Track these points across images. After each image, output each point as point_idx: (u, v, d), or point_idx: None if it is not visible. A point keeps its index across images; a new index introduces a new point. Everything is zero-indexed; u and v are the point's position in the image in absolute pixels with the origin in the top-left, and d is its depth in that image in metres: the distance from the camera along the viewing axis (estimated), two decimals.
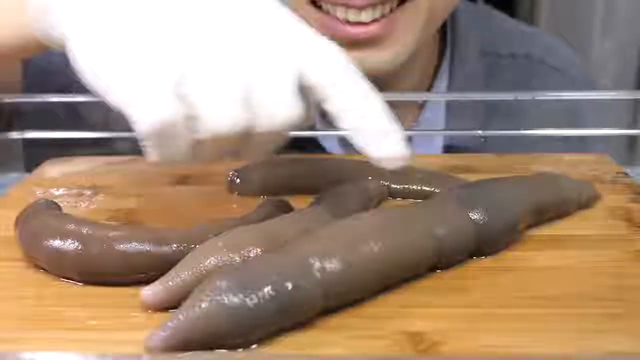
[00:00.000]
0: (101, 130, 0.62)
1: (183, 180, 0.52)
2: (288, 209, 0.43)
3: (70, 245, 0.37)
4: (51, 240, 0.37)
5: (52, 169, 0.55)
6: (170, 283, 0.35)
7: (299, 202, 0.44)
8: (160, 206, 0.48)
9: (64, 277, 0.38)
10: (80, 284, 0.37)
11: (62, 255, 0.37)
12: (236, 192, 0.50)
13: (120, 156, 0.58)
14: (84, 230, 0.38)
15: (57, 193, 0.50)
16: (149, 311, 0.35)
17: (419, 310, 0.35)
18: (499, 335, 0.33)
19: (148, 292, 0.35)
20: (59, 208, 0.42)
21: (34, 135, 0.62)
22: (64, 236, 0.37)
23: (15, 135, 0.61)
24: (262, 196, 0.49)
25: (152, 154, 0.35)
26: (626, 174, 0.53)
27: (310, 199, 0.45)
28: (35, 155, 0.60)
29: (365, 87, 0.37)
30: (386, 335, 0.33)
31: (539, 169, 0.53)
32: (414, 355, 0.31)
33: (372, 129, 0.36)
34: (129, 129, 0.35)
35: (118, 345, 0.32)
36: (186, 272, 0.35)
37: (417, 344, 0.32)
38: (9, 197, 0.50)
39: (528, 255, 0.40)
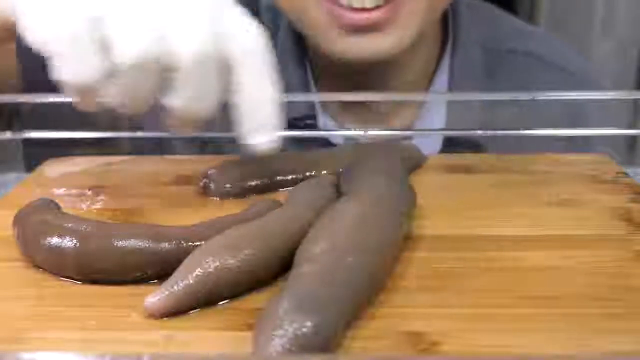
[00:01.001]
0: (101, 130, 0.62)
1: (183, 180, 0.52)
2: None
3: (68, 243, 0.37)
4: (49, 239, 0.37)
5: (52, 169, 0.55)
6: (174, 288, 0.34)
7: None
8: (160, 206, 0.48)
9: (62, 276, 0.38)
10: (79, 282, 0.37)
11: (60, 253, 0.37)
12: (215, 197, 0.49)
13: (120, 156, 0.58)
14: (82, 228, 0.38)
15: (57, 193, 0.50)
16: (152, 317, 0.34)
17: (418, 310, 0.35)
18: (499, 335, 0.33)
19: (152, 300, 0.34)
20: (58, 207, 0.42)
21: (34, 135, 0.62)
22: (62, 234, 0.37)
23: (15, 135, 0.62)
24: (243, 197, 0.49)
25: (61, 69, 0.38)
26: (626, 174, 0.53)
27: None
28: (35, 155, 0.60)
29: (269, 78, 0.41)
30: (386, 335, 0.33)
31: (539, 169, 0.53)
32: (414, 355, 0.31)
33: (257, 118, 0.42)
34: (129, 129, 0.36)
35: (118, 345, 0.32)
36: (189, 277, 0.35)
37: (417, 344, 0.32)
38: (9, 197, 0.50)
39: (528, 256, 0.40)
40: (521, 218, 0.45)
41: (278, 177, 0.50)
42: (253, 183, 0.50)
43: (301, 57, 0.70)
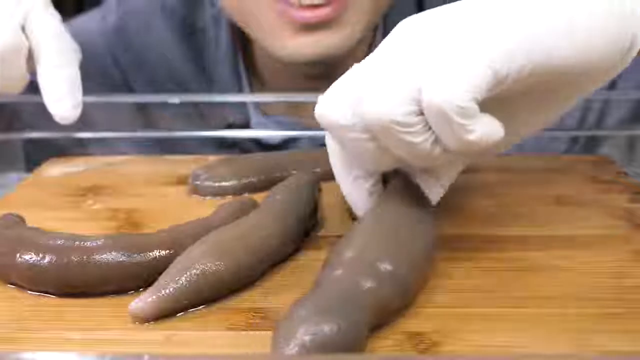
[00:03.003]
0: (100, 130, 0.63)
1: (183, 180, 0.52)
2: (254, 207, 0.43)
3: (47, 258, 0.36)
4: (27, 255, 0.36)
5: (52, 169, 0.55)
6: (160, 293, 0.34)
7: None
8: (160, 206, 0.48)
9: (39, 291, 0.37)
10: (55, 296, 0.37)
11: (39, 268, 0.36)
12: (205, 196, 0.49)
13: (120, 156, 0.58)
14: (59, 243, 0.37)
15: (57, 193, 0.50)
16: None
17: (419, 310, 0.35)
18: (499, 335, 0.33)
19: (137, 304, 0.34)
20: (24, 221, 0.42)
21: (34, 135, 0.62)
22: (39, 250, 0.36)
23: (15, 135, 0.62)
24: (238, 195, 0.49)
25: None
26: (626, 174, 0.53)
27: None
28: (35, 155, 0.60)
29: (65, 59, 0.51)
30: (386, 335, 0.33)
31: (539, 169, 0.53)
32: (414, 355, 0.31)
33: (56, 93, 0.50)
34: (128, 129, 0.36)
35: (118, 345, 0.32)
36: (174, 281, 0.35)
37: (417, 344, 0.32)
38: (9, 197, 0.50)
39: (528, 255, 0.40)
40: (521, 218, 0.45)
41: (270, 176, 0.50)
42: (243, 181, 0.50)
43: (236, 66, 0.71)
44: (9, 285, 0.38)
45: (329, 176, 0.50)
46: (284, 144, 0.68)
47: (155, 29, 0.73)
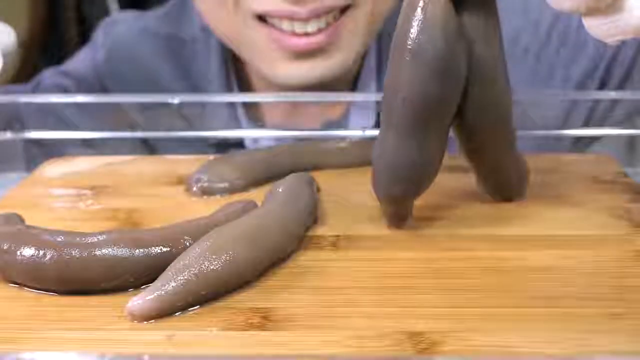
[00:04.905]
0: (100, 130, 0.63)
1: (183, 180, 0.52)
2: (253, 207, 0.43)
3: (48, 254, 0.36)
4: (27, 251, 0.36)
5: (52, 169, 0.55)
6: (159, 292, 0.34)
7: None
8: (160, 206, 0.48)
9: (40, 289, 0.37)
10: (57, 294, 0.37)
11: (40, 265, 0.36)
12: (207, 195, 0.49)
13: (120, 156, 0.58)
14: (59, 239, 0.37)
15: (57, 193, 0.50)
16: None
17: (419, 310, 0.35)
18: (499, 335, 0.33)
19: (137, 303, 0.34)
20: (24, 221, 0.42)
21: (34, 135, 0.62)
22: (40, 246, 0.36)
23: (15, 135, 0.62)
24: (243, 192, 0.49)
25: None
26: (626, 174, 0.53)
27: None
28: (35, 155, 0.60)
29: None
30: (386, 335, 0.33)
31: (539, 169, 0.53)
32: (414, 355, 0.31)
33: None
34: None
35: (118, 345, 0.32)
36: (174, 281, 0.35)
37: (417, 344, 0.32)
38: (9, 197, 0.50)
39: (528, 255, 0.40)
40: (521, 218, 0.45)
41: (271, 171, 0.50)
42: (244, 179, 0.50)
43: (229, 84, 0.72)
44: (9, 284, 0.38)
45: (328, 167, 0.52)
46: None
47: (141, 53, 0.73)
